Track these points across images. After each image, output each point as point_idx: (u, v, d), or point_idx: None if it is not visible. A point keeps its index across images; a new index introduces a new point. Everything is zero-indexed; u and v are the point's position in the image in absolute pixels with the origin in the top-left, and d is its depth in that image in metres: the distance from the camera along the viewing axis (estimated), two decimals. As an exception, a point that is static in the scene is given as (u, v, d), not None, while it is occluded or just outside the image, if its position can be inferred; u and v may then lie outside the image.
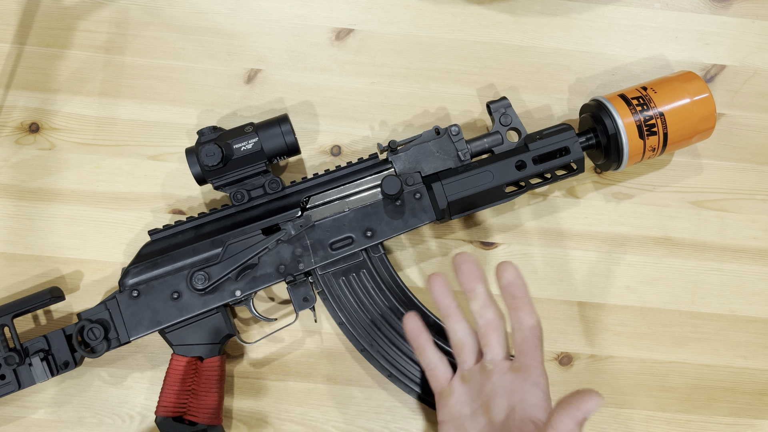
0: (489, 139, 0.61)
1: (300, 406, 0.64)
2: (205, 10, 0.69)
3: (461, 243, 0.66)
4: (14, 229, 0.65)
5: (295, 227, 0.59)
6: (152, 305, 0.58)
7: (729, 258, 0.67)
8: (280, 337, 0.65)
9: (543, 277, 0.66)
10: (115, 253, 0.65)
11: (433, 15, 0.69)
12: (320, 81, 0.68)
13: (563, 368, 0.65)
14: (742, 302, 0.66)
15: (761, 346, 0.66)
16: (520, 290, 0.52)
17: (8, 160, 0.66)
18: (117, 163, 0.67)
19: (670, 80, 0.61)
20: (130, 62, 0.68)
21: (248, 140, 0.58)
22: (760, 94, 0.69)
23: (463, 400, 0.53)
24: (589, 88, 0.69)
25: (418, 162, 0.61)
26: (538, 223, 0.67)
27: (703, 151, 0.68)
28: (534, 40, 0.69)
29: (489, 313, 0.53)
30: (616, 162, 0.62)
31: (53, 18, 0.68)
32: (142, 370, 0.64)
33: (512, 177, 0.60)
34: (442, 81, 0.68)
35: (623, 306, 0.66)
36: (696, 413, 0.65)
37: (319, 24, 0.69)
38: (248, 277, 0.59)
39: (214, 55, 0.68)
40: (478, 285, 0.53)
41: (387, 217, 0.60)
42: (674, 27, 0.70)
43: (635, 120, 0.59)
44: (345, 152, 0.67)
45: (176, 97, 0.67)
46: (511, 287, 0.52)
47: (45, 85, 0.67)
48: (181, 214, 0.66)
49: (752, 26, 0.70)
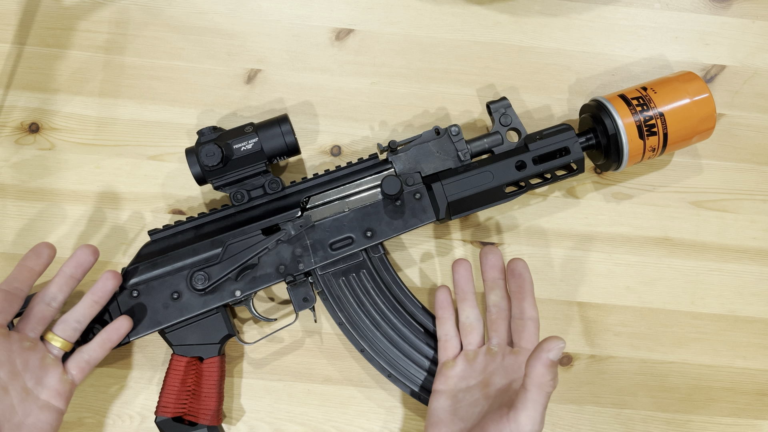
0: (489, 139, 0.61)
1: (300, 406, 0.64)
2: (205, 10, 0.69)
3: (461, 243, 0.66)
4: (14, 229, 0.65)
5: (295, 227, 0.59)
6: (152, 305, 0.58)
7: (729, 258, 0.67)
8: (280, 337, 0.65)
9: (543, 277, 0.66)
10: (115, 253, 0.65)
11: (433, 15, 0.69)
12: (320, 81, 0.68)
13: (563, 368, 0.65)
14: (742, 302, 0.66)
15: (761, 346, 0.66)
16: (527, 283, 0.59)
17: (8, 160, 0.66)
18: (117, 163, 0.67)
19: (670, 80, 0.61)
20: (130, 62, 0.68)
21: (248, 140, 0.58)
22: (760, 95, 0.69)
23: (463, 375, 0.58)
24: (589, 89, 0.69)
25: (418, 162, 0.61)
26: (538, 224, 0.67)
27: (703, 152, 0.68)
28: (534, 41, 0.69)
29: (503, 304, 0.60)
30: (616, 162, 0.62)
31: (53, 18, 0.68)
32: (142, 370, 0.64)
33: (512, 177, 0.60)
34: (442, 81, 0.68)
35: (623, 306, 0.66)
36: (696, 413, 0.65)
37: (319, 24, 0.69)
38: (248, 277, 0.59)
39: (214, 55, 0.68)
40: (500, 278, 0.61)
41: (387, 217, 0.60)
42: (674, 27, 0.70)
43: (635, 120, 0.59)
44: (345, 152, 0.67)
45: (176, 97, 0.67)
46: (519, 279, 0.59)
47: (45, 85, 0.67)
48: (181, 214, 0.66)
49: (752, 26, 0.70)
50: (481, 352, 0.59)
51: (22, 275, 0.54)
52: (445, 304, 0.60)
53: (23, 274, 0.54)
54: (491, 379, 0.56)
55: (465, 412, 0.55)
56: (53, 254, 0.57)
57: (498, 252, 0.61)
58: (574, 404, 0.65)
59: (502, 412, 0.50)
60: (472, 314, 0.60)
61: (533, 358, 0.47)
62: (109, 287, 0.56)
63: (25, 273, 0.54)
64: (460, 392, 0.57)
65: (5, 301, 0.52)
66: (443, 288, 0.61)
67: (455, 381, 0.58)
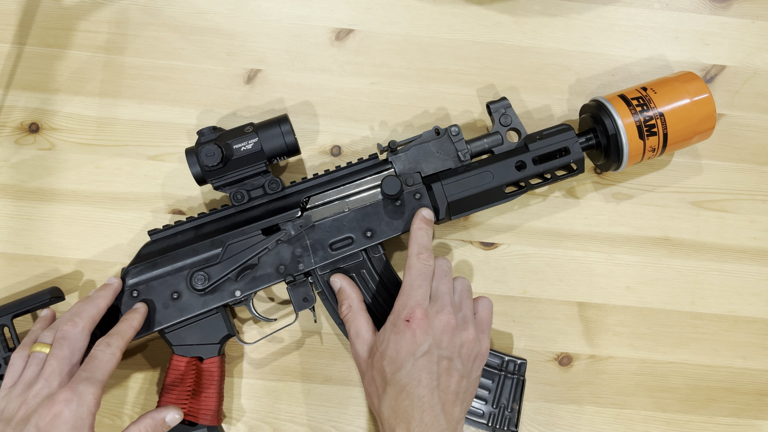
0: (489, 139, 0.61)
1: (300, 406, 0.64)
2: (205, 10, 0.69)
3: (461, 243, 0.66)
4: (14, 229, 0.65)
5: (295, 227, 0.59)
6: (152, 305, 0.58)
7: (729, 258, 0.67)
8: (279, 337, 0.65)
9: (543, 277, 0.66)
10: (115, 253, 0.65)
11: (433, 15, 0.69)
12: (320, 81, 0.68)
13: (563, 368, 0.65)
14: (742, 303, 0.66)
15: (761, 346, 0.66)
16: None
17: (8, 160, 0.66)
18: (117, 163, 0.67)
19: (670, 81, 0.61)
20: (130, 62, 0.68)
21: (248, 140, 0.58)
22: (760, 95, 0.69)
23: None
24: (589, 89, 0.69)
25: (418, 162, 0.61)
26: (538, 224, 0.67)
27: (703, 152, 0.68)
28: (534, 41, 0.69)
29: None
30: (616, 162, 0.62)
31: (53, 18, 0.68)
32: (142, 370, 0.64)
33: (512, 177, 0.60)
34: (442, 81, 0.68)
35: (623, 306, 0.66)
36: (696, 414, 0.65)
37: (319, 24, 0.69)
38: (248, 277, 0.59)
39: (214, 55, 0.68)
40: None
41: (387, 217, 0.60)
42: (674, 27, 0.70)
43: (635, 120, 0.59)
44: (345, 152, 0.67)
45: (176, 97, 0.67)
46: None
47: (45, 85, 0.67)
48: (181, 215, 0.66)
49: (752, 26, 0.70)
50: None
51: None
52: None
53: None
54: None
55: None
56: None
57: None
58: (574, 404, 0.65)
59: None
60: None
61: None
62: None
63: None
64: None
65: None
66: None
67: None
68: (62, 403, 0.49)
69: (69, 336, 0.53)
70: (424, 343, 0.52)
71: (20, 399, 0.51)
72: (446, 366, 0.52)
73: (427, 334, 0.52)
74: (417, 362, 0.51)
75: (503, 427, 0.61)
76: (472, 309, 0.56)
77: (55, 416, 0.48)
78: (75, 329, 0.53)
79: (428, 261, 0.56)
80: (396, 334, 0.52)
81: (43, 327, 0.57)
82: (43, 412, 0.48)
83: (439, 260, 0.57)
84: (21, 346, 0.55)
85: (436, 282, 0.55)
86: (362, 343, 0.56)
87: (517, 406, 0.62)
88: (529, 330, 0.65)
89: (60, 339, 0.53)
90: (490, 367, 0.62)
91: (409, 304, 0.53)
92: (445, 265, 0.57)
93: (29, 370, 0.52)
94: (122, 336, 0.54)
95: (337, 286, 0.58)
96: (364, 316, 0.57)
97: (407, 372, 0.51)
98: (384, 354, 0.53)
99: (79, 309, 0.55)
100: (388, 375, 0.52)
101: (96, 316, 0.55)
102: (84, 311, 0.54)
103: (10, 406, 0.51)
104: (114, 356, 0.53)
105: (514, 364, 0.62)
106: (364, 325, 0.56)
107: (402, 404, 0.51)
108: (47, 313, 0.59)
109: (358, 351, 0.56)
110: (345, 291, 0.58)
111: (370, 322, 0.57)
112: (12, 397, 0.51)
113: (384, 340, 0.53)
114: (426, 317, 0.52)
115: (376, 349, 0.54)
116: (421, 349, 0.51)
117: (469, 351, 0.54)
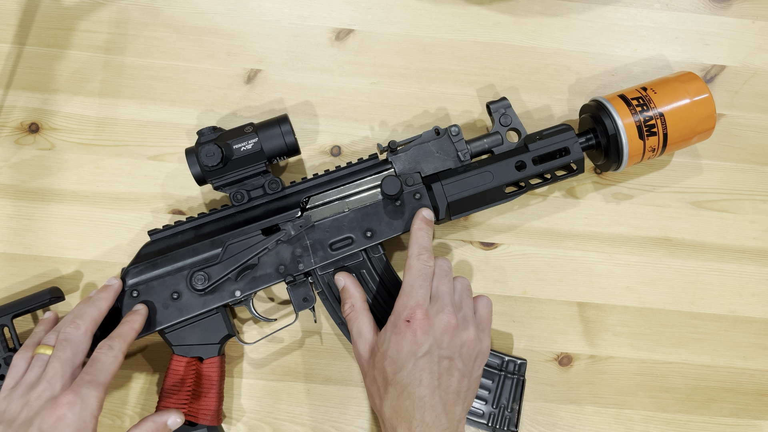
0: (489, 139, 0.61)
1: (300, 406, 0.64)
2: (205, 10, 0.69)
3: (461, 243, 0.66)
4: (14, 229, 0.65)
5: (295, 227, 0.59)
6: (152, 305, 0.58)
7: (729, 258, 0.67)
8: (279, 337, 0.65)
9: (543, 277, 0.66)
10: (115, 253, 0.65)
11: (433, 15, 0.69)
12: (320, 81, 0.68)
13: (563, 368, 0.65)
14: (742, 303, 0.66)
15: (761, 346, 0.66)
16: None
17: (8, 160, 0.66)
18: (117, 163, 0.67)
19: (670, 81, 0.61)
20: (129, 62, 0.68)
21: (248, 140, 0.58)
22: (760, 95, 0.69)
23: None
24: (589, 89, 0.69)
25: (418, 162, 0.61)
26: (538, 224, 0.67)
27: (703, 152, 0.68)
28: (534, 41, 0.69)
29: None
30: (616, 162, 0.62)
31: (53, 18, 0.68)
32: (142, 370, 0.64)
33: (512, 177, 0.60)
34: (442, 81, 0.68)
35: (623, 306, 0.66)
36: (696, 414, 0.65)
37: (319, 24, 0.69)
38: (248, 277, 0.59)
39: (214, 56, 0.68)
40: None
41: (387, 217, 0.60)
42: (674, 27, 0.70)
43: (635, 120, 0.59)
44: (345, 152, 0.67)
45: (176, 97, 0.67)
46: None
47: (45, 85, 0.67)
48: (181, 215, 0.66)
49: (752, 27, 0.70)
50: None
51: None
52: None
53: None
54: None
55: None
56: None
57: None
58: (574, 404, 0.65)
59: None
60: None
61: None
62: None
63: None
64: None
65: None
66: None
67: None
68: (65, 406, 0.49)
69: (71, 338, 0.53)
70: (425, 344, 0.52)
71: (22, 400, 0.51)
72: (447, 366, 0.52)
73: (428, 334, 0.52)
74: (418, 362, 0.51)
75: (503, 427, 0.61)
76: (473, 308, 0.56)
77: (59, 419, 0.48)
78: (77, 332, 0.53)
79: (428, 261, 0.56)
80: (397, 335, 0.52)
81: (46, 329, 0.57)
82: (46, 414, 0.48)
83: (439, 260, 0.57)
84: (23, 347, 0.55)
85: (437, 282, 0.55)
86: (364, 342, 0.56)
87: (517, 406, 0.62)
88: (529, 330, 0.65)
89: (62, 341, 0.53)
90: (490, 367, 0.62)
91: (410, 305, 0.53)
92: (446, 265, 0.57)
93: (32, 371, 0.52)
94: (124, 338, 0.54)
95: (341, 284, 0.58)
96: (367, 316, 0.57)
97: (408, 372, 0.51)
98: (385, 354, 0.53)
99: (80, 311, 0.54)
100: (390, 375, 0.52)
101: (98, 318, 0.55)
102: (86, 313, 0.54)
103: (11, 408, 0.51)
104: (116, 359, 0.53)
105: (514, 364, 0.62)
106: (367, 325, 0.56)
107: (403, 404, 0.51)
108: (50, 315, 0.59)
109: (359, 351, 0.56)
110: (348, 290, 0.58)
111: (372, 322, 0.57)
112: (13, 398, 0.51)
113: (385, 341, 0.53)
114: (427, 317, 0.52)
115: (377, 349, 0.54)
116: (422, 350, 0.51)
117: (470, 350, 0.54)
